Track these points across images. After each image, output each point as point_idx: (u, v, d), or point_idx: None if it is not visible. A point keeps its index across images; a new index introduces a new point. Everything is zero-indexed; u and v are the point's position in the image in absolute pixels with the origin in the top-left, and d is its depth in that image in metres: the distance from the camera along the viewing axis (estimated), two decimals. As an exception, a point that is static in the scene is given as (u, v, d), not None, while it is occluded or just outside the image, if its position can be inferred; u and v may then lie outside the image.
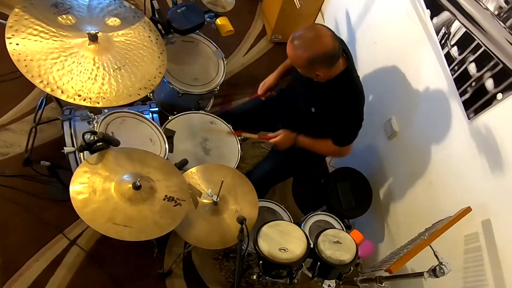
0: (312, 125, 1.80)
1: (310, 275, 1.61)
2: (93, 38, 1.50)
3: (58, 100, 1.89)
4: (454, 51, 1.63)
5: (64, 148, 1.56)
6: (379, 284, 1.61)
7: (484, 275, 1.51)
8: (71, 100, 1.40)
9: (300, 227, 1.60)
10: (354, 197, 2.09)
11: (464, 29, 1.58)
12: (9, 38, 1.39)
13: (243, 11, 3.05)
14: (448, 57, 1.66)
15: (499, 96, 1.43)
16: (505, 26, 1.39)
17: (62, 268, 1.87)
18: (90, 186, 1.32)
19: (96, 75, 1.48)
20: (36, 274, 1.82)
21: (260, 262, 1.50)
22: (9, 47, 1.38)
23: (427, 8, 1.78)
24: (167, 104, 2.16)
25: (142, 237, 1.31)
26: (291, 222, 1.77)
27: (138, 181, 1.34)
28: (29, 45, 1.41)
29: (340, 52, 1.55)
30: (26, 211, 1.92)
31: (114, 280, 1.91)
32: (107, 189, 1.34)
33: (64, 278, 1.85)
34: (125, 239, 1.27)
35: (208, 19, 2.02)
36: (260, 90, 1.96)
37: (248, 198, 1.64)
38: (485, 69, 1.49)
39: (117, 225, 1.28)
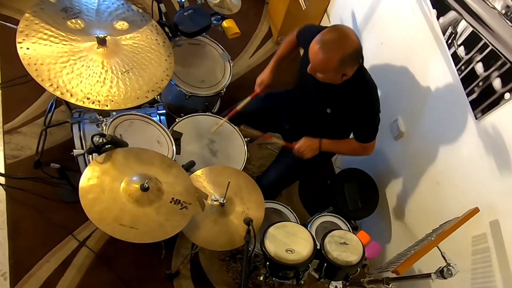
0: (326, 126, 1.79)
1: (317, 276, 1.61)
2: (102, 42, 1.52)
3: (67, 103, 1.93)
4: (461, 50, 1.62)
5: (74, 150, 1.58)
6: (386, 286, 1.60)
7: (493, 276, 1.49)
8: (80, 103, 1.42)
9: (307, 228, 1.60)
10: (360, 198, 2.09)
11: (471, 29, 1.57)
12: (20, 42, 1.42)
13: (249, 13, 3.06)
14: (455, 57, 1.65)
15: (507, 95, 1.42)
16: (512, 25, 1.39)
17: (72, 269, 1.89)
18: (99, 186, 1.33)
19: (104, 78, 1.50)
20: (47, 275, 1.85)
21: (267, 263, 1.51)
22: (20, 52, 1.40)
23: (434, 8, 1.77)
24: (174, 106, 2.19)
25: (147, 239, 1.32)
26: (297, 223, 1.78)
27: (146, 183, 1.35)
28: (39, 49, 1.43)
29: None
30: (36, 212, 1.94)
31: (122, 280, 1.92)
32: (115, 189, 1.35)
33: (74, 279, 1.87)
34: (130, 240, 1.28)
35: (214, 22, 2.04)
36: (258, 89, 1.93)
37: (254, 199, 1.65)
38: (493, 68, 1.47)
39: (123, 226, 1.29)
